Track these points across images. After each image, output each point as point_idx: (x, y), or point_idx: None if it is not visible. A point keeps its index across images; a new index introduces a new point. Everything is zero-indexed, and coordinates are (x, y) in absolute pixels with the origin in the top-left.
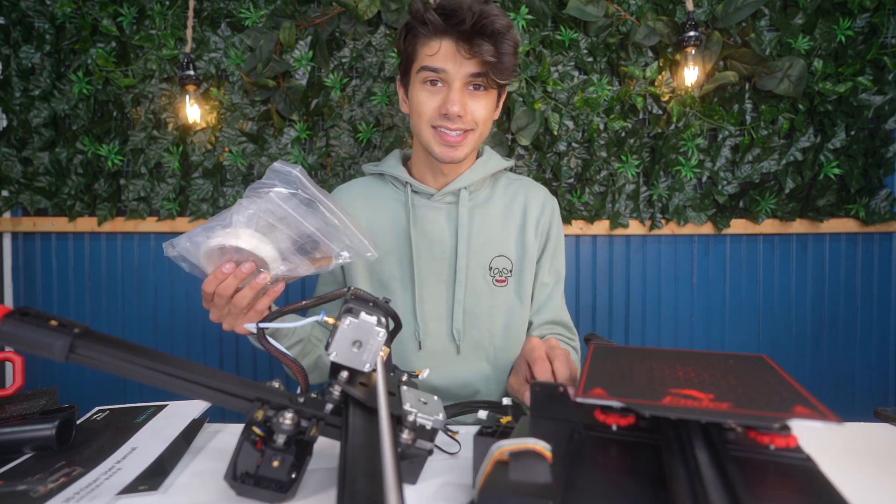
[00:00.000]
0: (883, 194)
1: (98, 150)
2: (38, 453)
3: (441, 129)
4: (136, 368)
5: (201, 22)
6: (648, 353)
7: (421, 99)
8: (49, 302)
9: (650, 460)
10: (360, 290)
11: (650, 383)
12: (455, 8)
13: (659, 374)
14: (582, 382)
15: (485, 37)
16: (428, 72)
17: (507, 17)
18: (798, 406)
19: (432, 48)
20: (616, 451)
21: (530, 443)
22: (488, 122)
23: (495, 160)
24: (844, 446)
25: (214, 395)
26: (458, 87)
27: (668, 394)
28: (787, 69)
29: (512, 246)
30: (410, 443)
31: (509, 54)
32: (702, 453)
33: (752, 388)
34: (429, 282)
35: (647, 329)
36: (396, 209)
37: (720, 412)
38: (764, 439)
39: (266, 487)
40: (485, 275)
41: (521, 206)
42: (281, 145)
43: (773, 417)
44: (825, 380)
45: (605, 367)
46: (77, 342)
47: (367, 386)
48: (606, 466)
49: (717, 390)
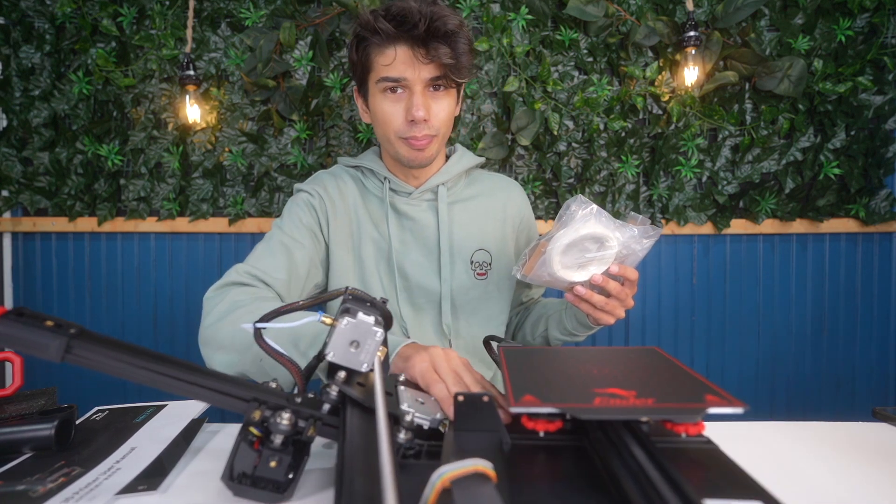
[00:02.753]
0: (883, 194)
1: (98, 150)
2: (37, 453)
3: (408, 139)
4: (133, 369)
5: (201, 22)
6: (556, 353)
7: (385, 109)
8: (49, 302)
9: (580, 463)
10: (357, 290)
11: (573, 385)
12: (405, 13)
13: (576, 374)
14: (509, 390)
15: (439, 39)
16: (388, 82)
17: (458, 16)
18: (707, 395)
19: (388, 57)
20: (547, 458)
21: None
22: (450, 122)
23: (468, 157)
24: (844, 446)
25: (211, 396)
26: (420, 91)
27: (595, 395)
28: (787, 69)
29: (490, 240)
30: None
31: (465, 53)
32: (637, 450)
33: (661, 380)
34: (415, 274)
35: (647, 329)
36: (376, 203)
37: (650, 408)
38: (679, 429)
39: (263, 488)
40: (467, 268)
41: (501, 202)
42: (281, 145)
43: (694, 409)
44: (825, 380)
45: (524, 371)
46: (73, 342)
47: (364, 386)
48: (542, 476)
49: (634, 386)
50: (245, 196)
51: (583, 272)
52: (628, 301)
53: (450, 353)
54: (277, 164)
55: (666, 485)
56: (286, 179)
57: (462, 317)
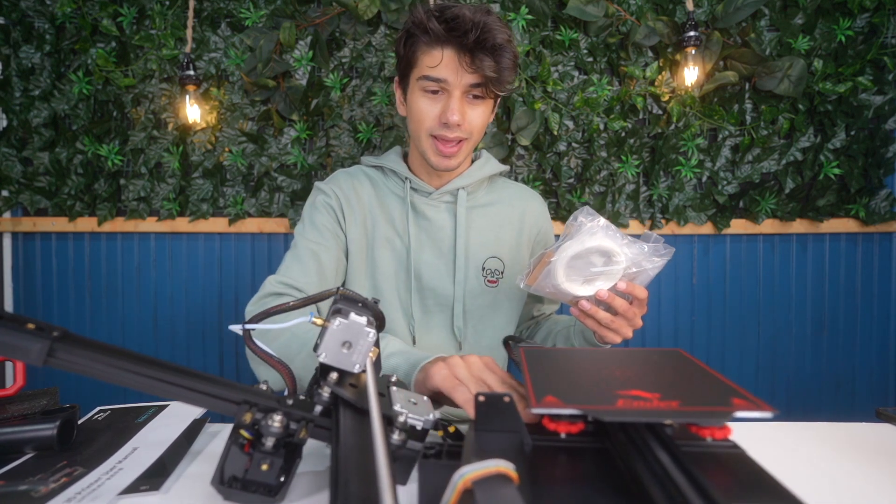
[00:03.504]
0: (883, 194)
1: (98, 150)
2: (39, 453)
3: (439, 138)
4: (118, 372)
5: (201, 22)
6: (577, 354)
7: (421, 107)
8: (49, 302)
9: (602, 465)
10: (348, 290)
11: (596, 386)
12: (458, 19)
13: (598, 375)
14: (531, 392)
15: (486, 51)
16: (429, 81)
17: (507, 30)
18: (734, 398)
19: (434, 58)
20: (569, 460)
21: (493, 465)
22: (482, 130)
23: (492, 164)
24: (845, 446)
25: (200, 399)
26: (458, 95)
27: (618, 396)
28: (787, 69)
29: (505, 249)
30: (401, 443)
31: (509, 69)
32: (662, 454)
33: (687, 383)
34: (428, 275)
35: (647, 329)
36: (395, 202)
37: (675, 411)
38: (704, 432)
39: (254, 491)
40: (478, 275)
41: (520, 212)
42: (281, 145)
43: (721, 412)
44: (825, 380)
45: (546, 371)
46: (56, 346)
47: (356, 387)
48: (563, 478)
49: (659, 388)
50: (245, 196)
51: (588, 286)
52: (636, 321)
53: (469, 357)
54: (277, 164)
55: (692, 488)
56: (286, 179)
57: (469, 323)
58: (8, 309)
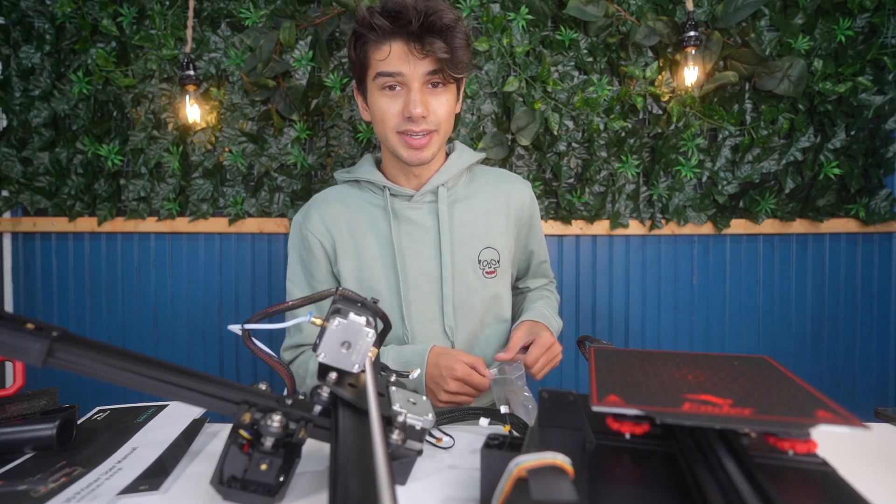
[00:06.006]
0: (883, 194)
1: (98, 150)
2: (38, 453)
3: (406, 134)
4: (118, 372)
5: (201, 22)
6: (651, 356)
7: (382, 106)
8: (49, 302)
9: (667, 469)
10: (348, 290)
11: (664, 389)
12: (400, 9)
13: (669, 378)
14: (594, 389)
15: (434, 34)
16: (385, 77)
17: (454, 11)
18: (820, 411)
19: (383, 52)
20: (632, 460)
21: (549, 457)
22: (450, 119)
23: (468, 154)
24: (845, 446)
25: (200, 399)
26: (418, 87)
27: (686, 400)
28: (787, 69)
29: (498, 237)
30: (400, 443)
31: (462, 48)
32: (729, 462)
33: (766, 391)
34: (419, 282)
35: (647, 329)
36: (376, 214)
37: (745, 419)
38: (784, 445)
39: (254, 491)
40: (474, 268)
41: (504, 197)
42: (281, 145)
43: (800, 423)
44: (825, 380)
45: (613, 371)
46: (55, 346)
47: (355, 387)
48: (625, 478)
49: (733, 395)
50: (245, 196)
51: None
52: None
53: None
54: (277, 164)
55: (756, 499)
56: (286, 179)
57: (470, 317)
58: (8, 309)
